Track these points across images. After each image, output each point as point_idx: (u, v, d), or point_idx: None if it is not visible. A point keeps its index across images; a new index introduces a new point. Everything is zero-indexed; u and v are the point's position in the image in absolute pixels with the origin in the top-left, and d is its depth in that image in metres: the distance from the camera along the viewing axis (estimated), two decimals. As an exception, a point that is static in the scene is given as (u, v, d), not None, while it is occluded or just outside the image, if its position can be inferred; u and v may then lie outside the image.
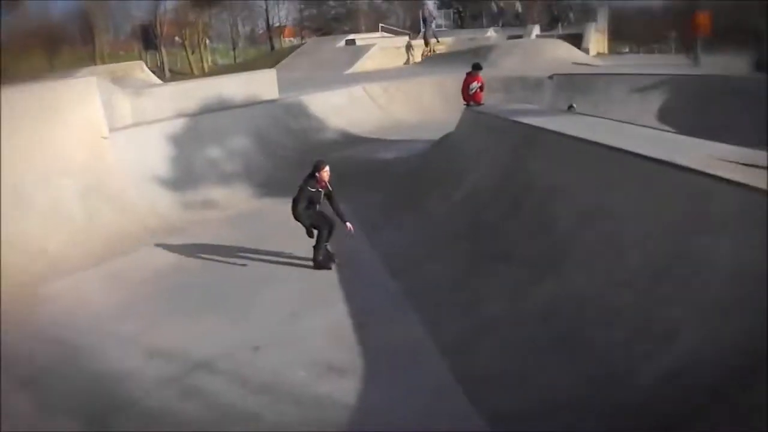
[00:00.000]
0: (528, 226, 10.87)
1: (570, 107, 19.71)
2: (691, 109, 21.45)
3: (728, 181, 7.69)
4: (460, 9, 55.82)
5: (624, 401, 6.58)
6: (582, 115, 15.53)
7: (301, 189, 10.90)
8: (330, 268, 11.30)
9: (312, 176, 10.96)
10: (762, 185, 7.25)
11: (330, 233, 11.29)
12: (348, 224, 11.18)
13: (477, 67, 18.68)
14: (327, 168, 11.04)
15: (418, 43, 41.97)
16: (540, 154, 11.94)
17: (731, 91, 21.16)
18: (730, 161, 8.62)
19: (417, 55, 39.96)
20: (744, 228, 7.17)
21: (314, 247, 11.30)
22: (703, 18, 28.02)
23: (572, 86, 24.24)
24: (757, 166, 8.21)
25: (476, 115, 15.84)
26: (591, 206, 9.81)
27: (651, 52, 45.23)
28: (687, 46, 31.09)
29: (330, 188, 11.14)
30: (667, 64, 29.84)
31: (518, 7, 51.24)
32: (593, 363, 7.35)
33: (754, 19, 26.40)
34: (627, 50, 51.28)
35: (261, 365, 8.27)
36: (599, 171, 10.06)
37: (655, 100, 22.60)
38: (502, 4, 53.95)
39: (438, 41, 41.65)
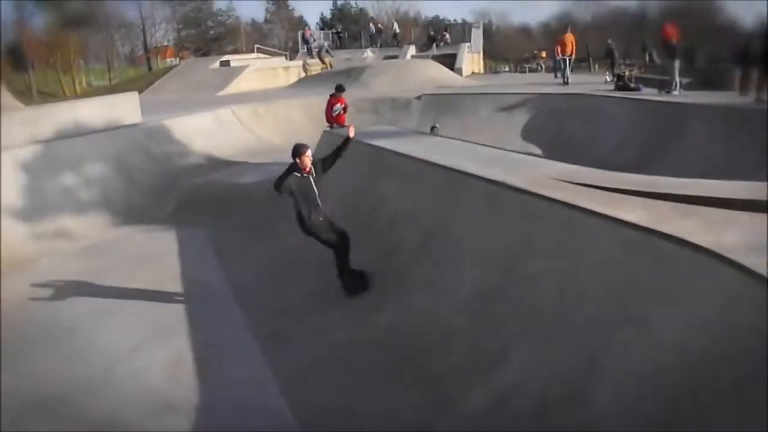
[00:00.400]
0: (375, 250, 10.76)
1: (433, 128, 19.79)
2: (553, 127, 21.97)
3: (552, 200, 7.79)
4: (340, 30, 55.83)
5: (457, 428, 6.53)
6: (440, 136, 15.52)
7: (293, 193, 9.68)
8: (368, 288, 10.02)
9: (294, 165, 9.65)
10: (584, 203, 7.43)
11: (346, 244, 10.05)
12: (350, 130, 10.61)
13: (340, 89, 18.56)
14: (309, 152, 9.77)
15: (297, 63, 41.86)
16: (389, 176, 11.87)
17: (591, 109, 21.79)
18: (563, 180, 8.71)
19: (293, 76, 39.74)
20: (570, 248, 7.32)
21: (339, 269, 10.12)
22: (569, 38, 28.81)
23: (440, 106, 24.43)
24: (586, 185, 8.32)
25: (333, 137, 15.62)
26: (435, 228, 9.93)
27: (524, 71, 46.14)
28: (556, 65, 31.83)
29: (314, 173, 9.86)
30: (537, 83, 30.53)
31: (396, 27, 51.56)
32: (429, 389, 7.28)
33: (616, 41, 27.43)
34: (507, 69, 52.38)
35: (94, 405, 7.73)
36: (443, 193, 10.06)
37: (520, 119, 23.05)
38: (380, 25, 54.26)
39: (332, 56, 41.88)
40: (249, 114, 25.75)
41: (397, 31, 50.88)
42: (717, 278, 5.55)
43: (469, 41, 44.19)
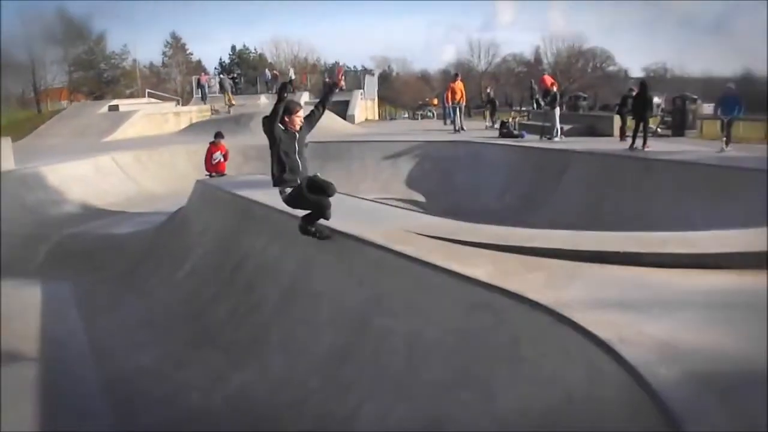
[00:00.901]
0: (238, 307, 10.42)
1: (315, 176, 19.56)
2: (437, 174, 22.10)
3: (403, 255, 7.65)
4: (236, 76, 55.46)
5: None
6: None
7: (278, 143, 8.71)
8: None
9: (282, 118, 8.70)
10: (435, 259, 7.37)
11: (320, 212, 9.02)
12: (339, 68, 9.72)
13: (219, 136, 18.19)
14: (301, 113, 8.99)
15: (188, 109, 41.30)
16: (254, 229, 11.59)
17: (475, 156, 22.04)
18: (421, 233, 8.61)
19: (184, 121, 39.08)
20: (419, 305, 7.21)
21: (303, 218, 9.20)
22: (459, 86, 29.12)
23: (327, 154, 24.19)
24: (443, 239, 8.23)
25: (205, 187, 15.24)
26: (295, 284, 9.64)
27: (416, 118, 46.40)
28: (446, 112, 32.17)
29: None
30: (428, 129, 30.74)
31: (291, 74, 51.47)
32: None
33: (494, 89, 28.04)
34: (405, 115, 52.62)
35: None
36: (304, 247, 9.77)
37: (405, 166, 23.11)
38: (275, 71, 54.16)
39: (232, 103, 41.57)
40: (131, 161, 25.04)
41: (293, 77, 50.77)
42: (555, 337, 5.48)
43: (362, 88, 44.34)
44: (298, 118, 8.92)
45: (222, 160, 17.79)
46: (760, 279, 6.55)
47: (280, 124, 8.67)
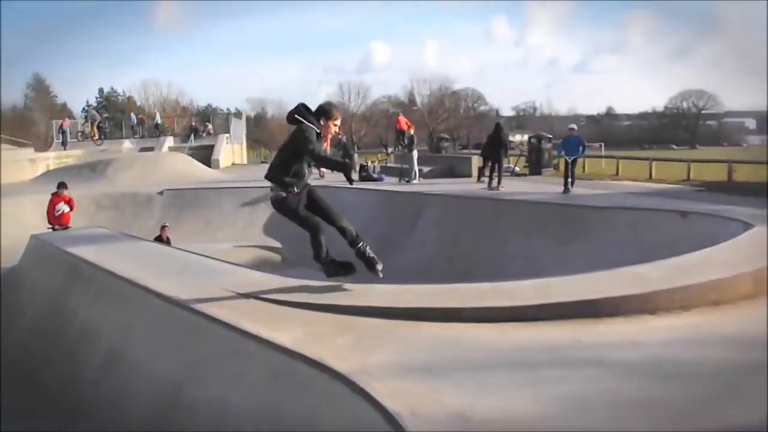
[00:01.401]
0: (59, 376, 9.66)
1: (163, 227, 18.85)
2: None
3: (214, 319, 7.24)
4: (101, 120, 53.64)
5: None
6: (143, 240, 14.35)
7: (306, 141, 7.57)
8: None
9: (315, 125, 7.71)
10: (246, 322, 6.92)
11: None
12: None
13: (62, 186, 17.29)
14: (339, 120, 8.12)
15: (45, 155, 39.67)
16: (81, 289, 10.87)
17: (333, 200, 21.63)
18: (246, 293, 8.19)
19: (40, 168, 37.33)
20: (229, 373, 6.76)
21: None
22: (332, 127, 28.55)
23: (183, 201, 23.47)
24: (265, 299, 7.76)
25: (38, 243, 14.27)
26: (116, 349, 8.97)
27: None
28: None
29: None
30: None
31: (158, 118, 50.26)
32: None
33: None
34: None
35: None
36: (124, 307, 9.17)
37: (263, 213, 22.44)
38: (140, 115, 52.80)
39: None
40: (-30, 214, 23.42)
41: (159, 121, 49.59)
42: (350, 409, 5.07)
43: (228, 132, 43.61)
44: (335, 127, 8.09)
45: (66, 211, 16.89)
46: (578, 329, 6.39)
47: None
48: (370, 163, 26.41)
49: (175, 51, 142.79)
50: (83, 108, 79.70)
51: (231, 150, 42.67)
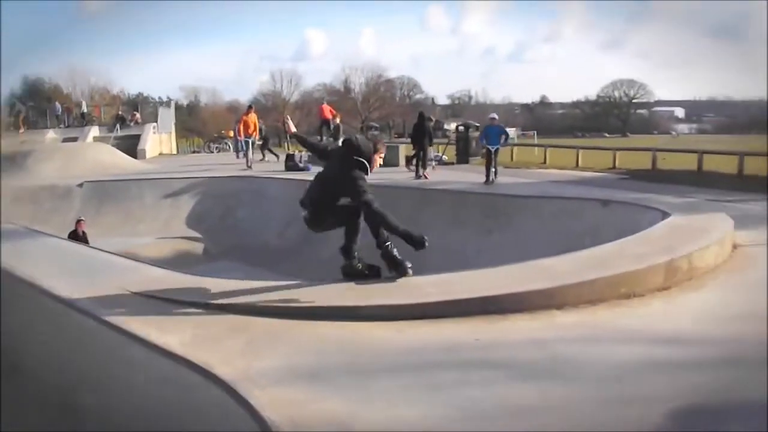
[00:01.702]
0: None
1: (78, 222, 18.16)
2: (219, 211, 21.18)
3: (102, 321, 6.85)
4: (21, 108, 51.90)
5: None
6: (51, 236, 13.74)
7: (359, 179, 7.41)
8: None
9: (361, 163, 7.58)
10: (136, 325, 6.51)
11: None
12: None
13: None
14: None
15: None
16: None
17: (257, 191, 21.33)
18: (142, 291, 7.76)
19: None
20: (118, 379, 6.48)
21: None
22: (252, 119, 27.65)
23: (104, 193, 22.69)
24: (158, 297, 7.38)
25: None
26: (11, 358, 8.43)
27: (212, 151, 44.82)
28: (238, 146, 31.08)
29: None
30: (219, 164, 29.43)
31: (84, 107, 48.86)
32: None
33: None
34: (198, 149, 50.40)
35: None
36: (22, 314, 8.71)
37: (186, 204, 21.94)
38: (65, 104, 51.22)
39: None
40: None
41: (85, 110, 48.19)
42: (233, 417, 4.77)
43: (155, 121, 42.54)
44: (380, 160, 8.03)
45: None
46: (480, 328, 6.17)
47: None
48: (296, 153, 25.75)
49: (105, 37, 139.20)
50: (7, 97, 77.21)
51: (159, 140, 41.57)
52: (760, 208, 13.81)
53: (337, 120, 24.16)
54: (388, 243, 7.88)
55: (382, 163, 8.09)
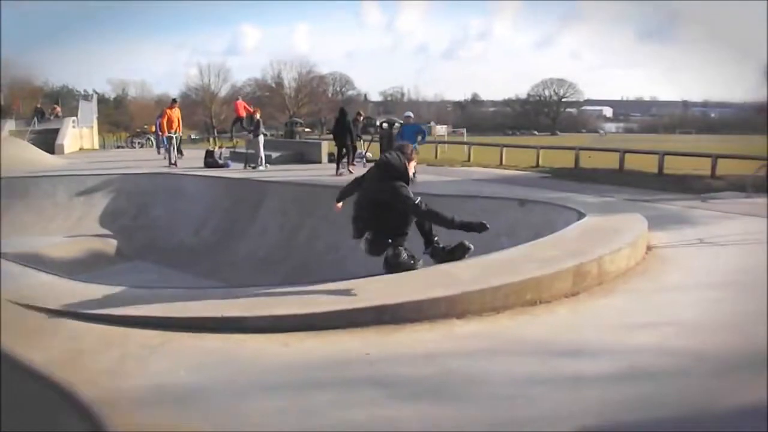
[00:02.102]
0: None
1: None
2: (133, 210, 20.41)
3: None
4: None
5: None
6: None
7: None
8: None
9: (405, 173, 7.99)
10: None
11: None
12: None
13: None
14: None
15: None
16: None
17: (174, 188, 20.62)
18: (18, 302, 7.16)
19: None
20: None
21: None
22: (176, 114, 26.18)
23: (12, 191, 21.56)
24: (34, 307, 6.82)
25: None
26: None
27: (134, 146, 43.33)
28: (159, 141, 30.13)
29: None
30: (141, 160, 28.39)
31: (0, 99, 47.16)
32: None
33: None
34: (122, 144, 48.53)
35: None
36: None
37: (99, 202, 21.00)
38: (-18, 98, 49.41)
39: None
40: None
41: (2, 103, 46.52)
42: None
43: (76, 115, 41.20)
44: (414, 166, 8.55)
45: None
46: (372, 340, 5.78)
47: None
48: (216, 149, 25.01)
49: (33, 27, 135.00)
50: None
51: (79, 134, 40.30)
52: (676, 208, 13.77)
53: (257, 115, 23.45)
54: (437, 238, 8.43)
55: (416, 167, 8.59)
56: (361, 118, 25.61)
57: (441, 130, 65.39)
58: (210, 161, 23.31)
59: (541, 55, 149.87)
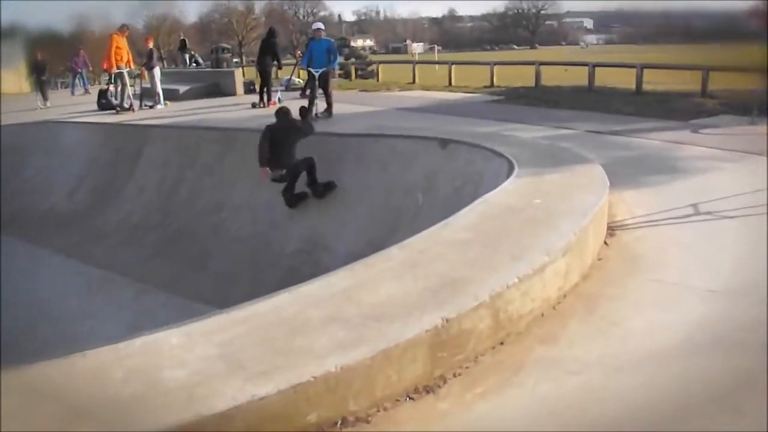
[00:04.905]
0: None
1: None
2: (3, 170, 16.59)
3: None
4: None
5: None
6: None
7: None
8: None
9: None
10: None
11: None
12: None
13: None
14: None
15: None
16: None
17: (50, 141, 16.74)
18: None
19: None
20: None
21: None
22: (122, 42, 21.64)
23: None
24: None
25: None
26: None
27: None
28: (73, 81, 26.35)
29: None
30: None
31: None
32: None
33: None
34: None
35: None
36: None
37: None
38: None
39: None
40: None
41: None
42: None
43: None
44: None
45: None
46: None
47: None
48: (111, 88, 20.22)
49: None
50: None
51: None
52: (657, 143, 10.26)
53: (150, 45, 19.07)
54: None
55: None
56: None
57: (417, 48, 62.71)
58: (104, 102, 18.89)
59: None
